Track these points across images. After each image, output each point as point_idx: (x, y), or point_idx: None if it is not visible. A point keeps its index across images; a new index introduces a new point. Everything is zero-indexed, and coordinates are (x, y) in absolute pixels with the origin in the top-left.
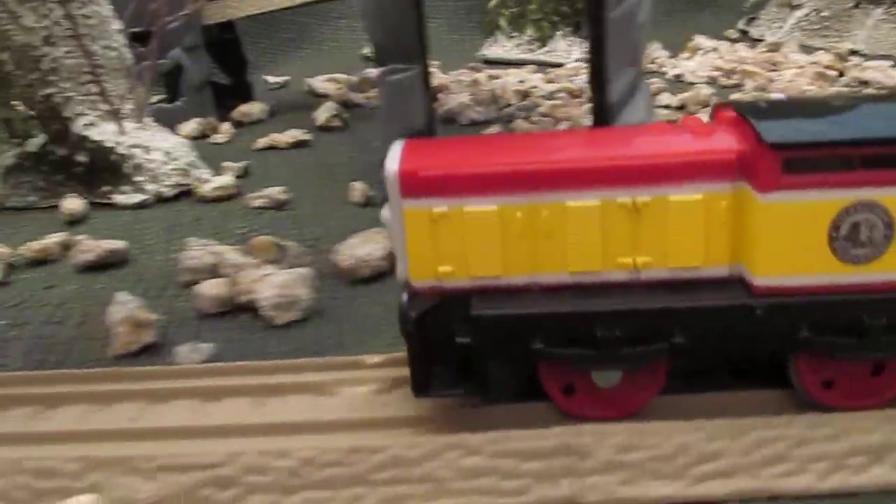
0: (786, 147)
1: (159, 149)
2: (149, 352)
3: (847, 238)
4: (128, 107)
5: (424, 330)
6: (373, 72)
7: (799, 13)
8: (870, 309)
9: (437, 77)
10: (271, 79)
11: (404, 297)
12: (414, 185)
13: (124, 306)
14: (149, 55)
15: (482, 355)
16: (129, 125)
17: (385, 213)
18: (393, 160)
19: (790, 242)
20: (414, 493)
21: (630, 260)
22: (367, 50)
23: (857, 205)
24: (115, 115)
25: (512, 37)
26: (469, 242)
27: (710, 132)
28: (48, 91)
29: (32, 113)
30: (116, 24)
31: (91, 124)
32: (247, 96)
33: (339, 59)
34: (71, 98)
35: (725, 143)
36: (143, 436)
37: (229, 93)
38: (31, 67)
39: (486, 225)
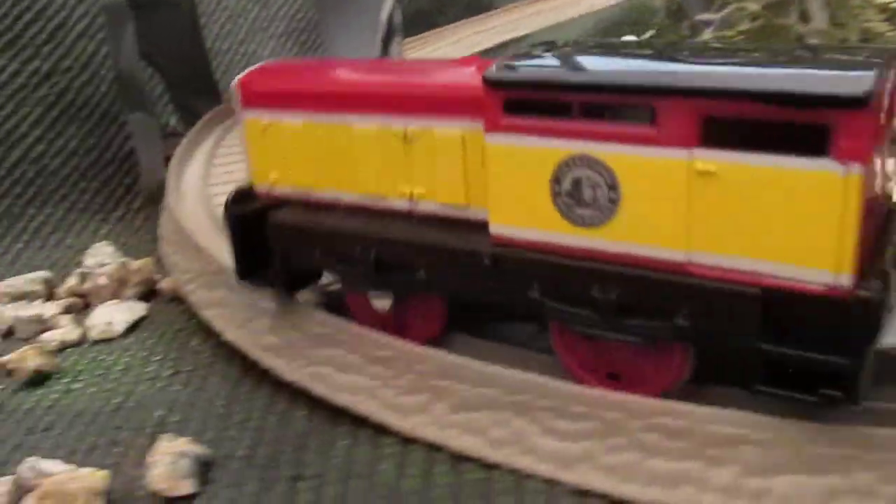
0: (504, 85)
1: None
2: None
3: (570, 195)
4: None
5: (245, 225)
6: None
7: None
8: (600, 280)
9: None
10: None
11: (231, 193)
12: (249, 98)
13: None
14: None
15: (278, 256)
16: None
17: None
18: (242, 74)
19: (517, 192)
20: None
21: (408, 189)
22: None
23: (575, 158)
24: None
25: None
26: (286, 154)
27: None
28: None
29: None
30: None
31: None
32: None
33: None
34: None
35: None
36: None
37: None
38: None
39: (296, 139)
